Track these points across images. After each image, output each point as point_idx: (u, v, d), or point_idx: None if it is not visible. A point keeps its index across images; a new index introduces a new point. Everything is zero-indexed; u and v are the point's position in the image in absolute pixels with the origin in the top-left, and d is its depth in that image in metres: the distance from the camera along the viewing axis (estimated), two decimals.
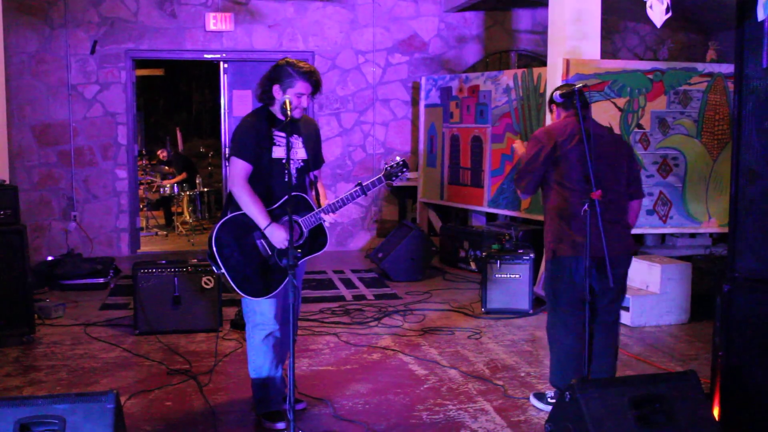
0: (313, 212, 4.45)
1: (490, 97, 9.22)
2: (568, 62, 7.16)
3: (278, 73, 4.42)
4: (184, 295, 6.50)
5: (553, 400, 4.72)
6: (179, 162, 13.24)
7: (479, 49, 11.05)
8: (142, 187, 13.02)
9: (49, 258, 8.81)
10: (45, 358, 5.90)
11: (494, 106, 9.14)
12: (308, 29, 10.53)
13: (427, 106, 10.36)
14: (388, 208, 11.02)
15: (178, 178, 12.79)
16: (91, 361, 5.83)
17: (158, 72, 16.22)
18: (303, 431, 4.32)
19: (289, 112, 4.22)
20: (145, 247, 10.89)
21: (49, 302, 7.26)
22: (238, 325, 6.42)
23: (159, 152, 13.91)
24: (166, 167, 14.11)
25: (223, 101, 10.77)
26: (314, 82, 4.43)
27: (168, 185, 12.26)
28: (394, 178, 4.55)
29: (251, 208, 4.35)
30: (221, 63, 10.65)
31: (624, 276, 4.75)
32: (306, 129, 4.61)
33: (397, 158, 4.57)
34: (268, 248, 4.40)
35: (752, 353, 4.29)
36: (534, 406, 4.90)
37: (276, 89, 4.43)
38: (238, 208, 4.40)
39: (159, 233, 12.32)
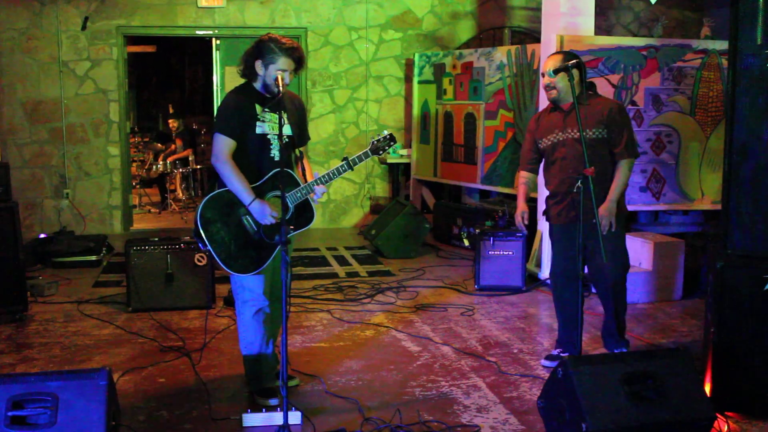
0: (299, 188, 4.43)
1: (483, 74, 9.19)
2: (562, 39, 7.12)
3: (260, 48, 4.39)
4: (176, 273, 6.49)
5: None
6: (186, 136, 13.15)
7: (473, 26, 11.01)
8: (134, 164, 12.95)
9: (42, 235, 8.79)
10: (38, 335, 5.89)
11: (488, 83, 9.11)
12: (301, 5, 10.46)
13: (420, 82, 10.32)
14: (381, 185, 11.01)
15: (183, 154, 12.68)
16: (84, 338, 5.82)
17: (150, 49, 16.09)
18: (296, 407, 4.32)
19: (281, 88, 4.21)
20: (138, 225, 10.87)
21: (42, 280, 7.25)
22: (231, 302, 6.41)
23: (170, 121, 13.70)
24: (159, 144, 14.03)
25: (216, 78, 10.73)
26: (296, 58, 4.40)
27: (161, 162, 12.21)
28: (381, 152, 4.54)
29: (235, 184, 4.32)
30: (213, 39, 10.60)
31: None
32: (291, 105, 4.58)
33: (385, 132, 4.58)
34: (253, 224, 4.39)
35: (744, 330, 4.31)
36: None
37: (258, 65, 4.41)
38: (224, 185, 4.39)
39: (152, 211, 12.29)
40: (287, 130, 4.51)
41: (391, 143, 4.55)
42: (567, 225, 5.10)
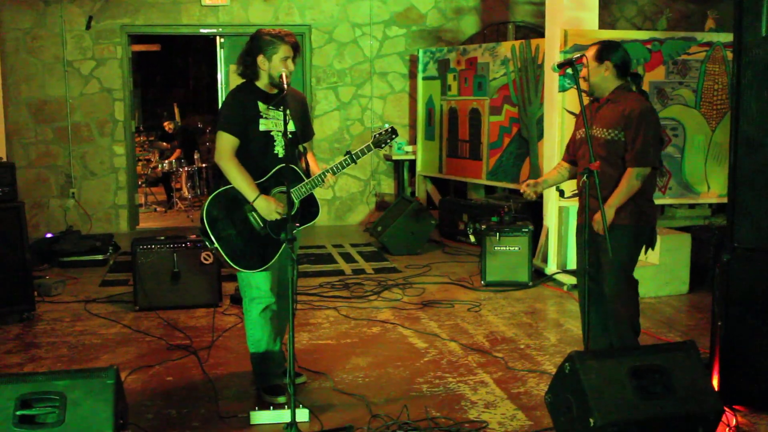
0: (303, 182, 4.44)
1: (488, 69, 9.18)
2: (566, 33, 7.11)
3: (258, 44, 4.42)
4: (183, 271, 6.50)
5: None
6: (181, 136, 13.16)
7: (477, 21, 10.99)
8: (140, 163, 12.96)
9: (48, 235, 8.80)
10: (45, 335, 5.91)
11: (492, 78, 9.10)
12: (304, 2, 10.46)
13: (424, 78, 10.32)
14: (386, 182, 11.00)
15: (174, 155, 12.70)
16: (91, 337, 5.84)
17: (155, 47, 16.11)
18: (303, 405, 4.33)
19: (285, 85, 4.22)
20: (144, 224, 10.89)
21: (49, 279, 7.26)
22: (238, 300, 6.40)
23: (165, 124, 13.72)
24: (164, 143, 14.03)
25: (220, 76, 10.73)
26: (293, 44, 4.43)
27: (166, 163, 12.22)
28: (383, 145, 4.55)
29: (239, 181, 4.34)
30: (218, 38, 10.60)
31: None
32: (293, 101, 4.58)
33: (386, 125, 4.61)
34: (259, 221, 4.40)
35: (751, 323, 4.30)
36: None
37: (261, 60, 4.42)
38: (229, 182, 4.40)
39: (158, 209, 12.31)
40: (290, 126, 4.51)
41: (393, 136, 4.57)
42: (581, 225, 4.71)
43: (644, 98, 4.73)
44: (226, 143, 4.37)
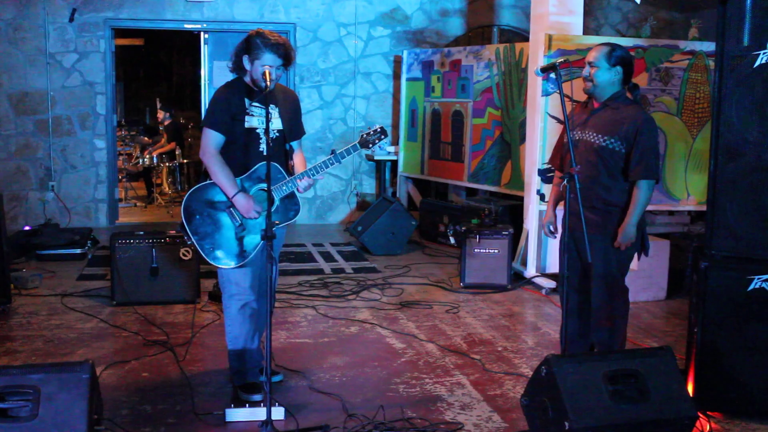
0: (284, 181, 4.44)
1: (471, 72, 9.19)
2: (550, 38, 7.13)
3: (247, 44, 4.42)
4: (161, 267, 6.47)
5: None
6: (171, 130, 13.11)
7: (462, 24, 11.01)
8: (121, 158, 12.88)
9: (26, 228, 8.74)
10: (21, 328, 5.86)
11: (476, 81, 9.12)
12: (290, 0, 10.44)
13: (408, 79, 10.32)
14: (368, 182, 11.00)
15: (167, 147, 12.62)
16: (67, 331, 5.80)
17: (138, 42, 16.05)
18: (279, 403, 4.31)
19: (268, 83, 4.21)
20: (124, 218, 10.82)
21: (26, 272, 7.21)
22: (216, 296, 6.40)
23: (158, 114, 13.62)
24: (146, 138, 13.95)
25: (204, 72, 10.69)
26: (282, 54, 4.39)
27: (147, 156, 12.14)
28: (370, 145, 4.55)
29: (220, 177, 4.36)
30: (202, 33, 10.56)
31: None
32: (283, 100, 4.59)
33: (375, 125, 4.60)
34: (237, 217, 4.41)
35: (727, 330, 4.33)
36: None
37: (245, 60, 4.43)
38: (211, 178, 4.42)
39: (138, 204, 12.25)
40: (277, 124, 4.52)
41: (382, 137, 4.56)
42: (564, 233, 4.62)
43: (642, 108, 4.71)
44: (210, 139, 4.39)
